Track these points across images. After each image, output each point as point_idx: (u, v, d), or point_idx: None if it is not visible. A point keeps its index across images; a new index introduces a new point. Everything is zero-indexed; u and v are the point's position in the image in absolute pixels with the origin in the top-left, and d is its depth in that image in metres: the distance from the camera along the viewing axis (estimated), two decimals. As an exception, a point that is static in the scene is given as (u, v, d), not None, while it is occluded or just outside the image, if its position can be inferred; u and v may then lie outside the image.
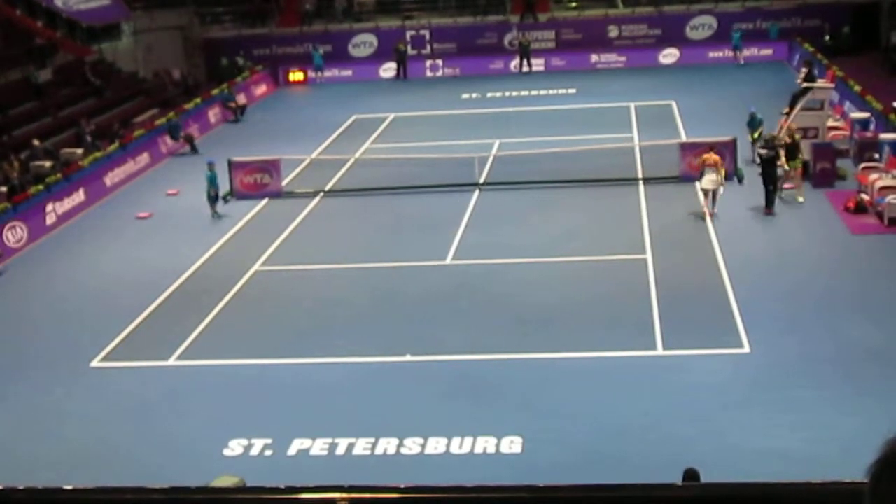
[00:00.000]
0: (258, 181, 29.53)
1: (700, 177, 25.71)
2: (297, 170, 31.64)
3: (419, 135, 35.92)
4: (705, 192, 25.57)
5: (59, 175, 29.65)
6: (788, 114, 28.28)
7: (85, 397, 17.85)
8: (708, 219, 24.96)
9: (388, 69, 48.33)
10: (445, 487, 2.18)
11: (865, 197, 24.76)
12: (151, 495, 2.23)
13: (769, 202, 25.29)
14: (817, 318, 19.07)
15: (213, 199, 27.70)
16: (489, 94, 42.83)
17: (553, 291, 21.26)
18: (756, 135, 28.68)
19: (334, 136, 36.79)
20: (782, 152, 25.50)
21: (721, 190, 25.38)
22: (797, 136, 26.00)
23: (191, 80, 46.48)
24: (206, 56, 50.28)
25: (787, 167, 25.53)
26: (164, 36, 48.56)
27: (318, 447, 15.49)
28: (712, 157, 25.42)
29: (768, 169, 25.20)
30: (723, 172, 25.47)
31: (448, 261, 23.52)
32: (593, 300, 20.69)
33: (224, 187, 28.54)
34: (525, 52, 47.26)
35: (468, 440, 15.39)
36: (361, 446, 15.43)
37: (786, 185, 26.13)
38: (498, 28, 49.57)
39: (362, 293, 21.96)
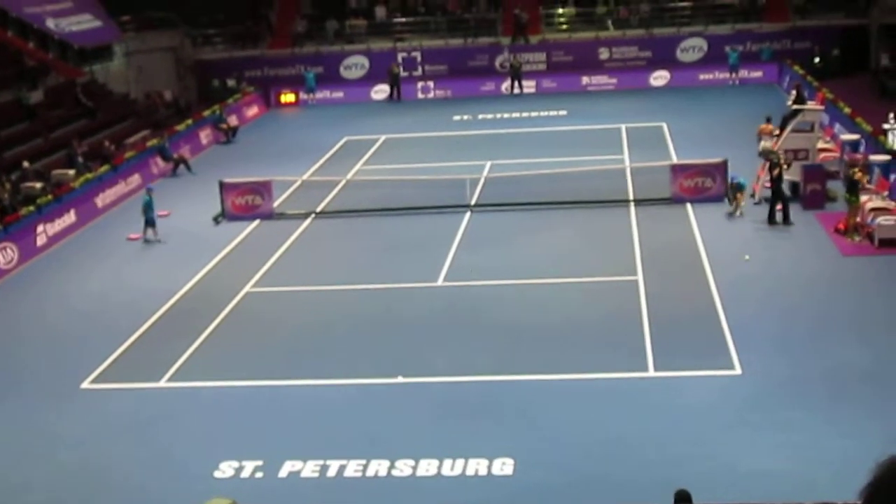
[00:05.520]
0: (249, 202, 29.53)
1: (758, 143, 29.99)
2: (289, 191, 31.65)
3: (410, 156, 35.97)
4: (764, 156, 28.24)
5: (50, 196, 29.63)
6: (779, 136, 28.42)
7: (75, 419, 17.77)
8: (699, 239, 25.03)
9: (380, 91, 48.44)
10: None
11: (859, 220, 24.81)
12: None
13: (785, 216, 25.78)
14: (808, 340, 19.08)
15: (149, 223, 27.77)
16: (480, 116, 42.93)
17: (544, 313, 21.26)
18: (742, 199, 27.36)
19: (326, 157, 36.83)
20: (783, 166, 25.96)
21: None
22: (857, 175, 25.62)
23: (182, 101, 46.56)
24: (198, 77, 50.38)
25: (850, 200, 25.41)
26: (156, 57, 48.67)
27: (310, 469, 15.43)
28: (768, 126, 30.69)
29: (776, 183, 25.74)
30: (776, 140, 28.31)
31: (439, 282, 23.52)
32: (584, 322, 20.68)
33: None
34: (516, 74, 47.43)
35: (460, 462, 15.34)
36: (353, 468, 15.37)
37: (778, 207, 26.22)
38: (489, 50, 49.75)
39: (354, 315, 21.93)
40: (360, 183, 32.40)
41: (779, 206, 26.05)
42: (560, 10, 52.36)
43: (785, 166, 26.22)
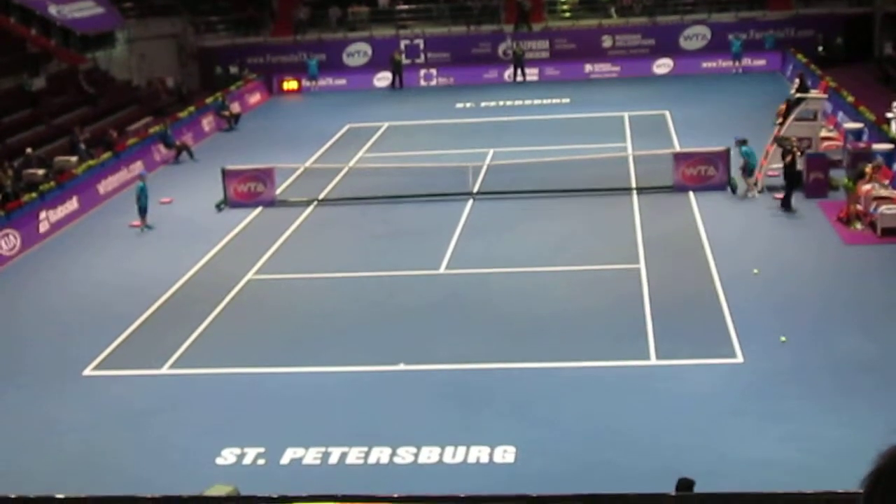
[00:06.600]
0: (252, 190, 29.52)
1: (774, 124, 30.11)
2: (291, 178, 31.63)
3: (413, 144, 35.93)
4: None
5: (52, 183, 29.62)
6: (782, 124, 28.37)
7: (77, 406, 17.80)
8: (701, 227, 25.01)
9: (383, 78, 48.37)
10: (438, 497, 2.19)
11: (860, 207, 24.80)
12: (144, 504, 2.23)
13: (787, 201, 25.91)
14: (810, 328, 19.08)
15: (142, 211, 27.74)
16: (483, 104, 42.85)
17: (546, 301, 21.27)
18: (754, 173, 27.57)
19: (328, 144, 36.79)
20: (797, 153, 26.06)
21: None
22: (867, 170, 25.63)
23: (185, 88, 46.49)
24: (200, 64, 50.32)
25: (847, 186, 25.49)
26: (158, 44, 48.59)
27: (311, 456, 15.47)
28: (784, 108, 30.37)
29: (788, 169, 25.76)
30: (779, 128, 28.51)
31: (442, 270, 23.52)
32: (587, 310, 20.68)
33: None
34: (519, 62, 47.33)
35: (461, 449, 15.37)
36: (354, 455, 15.41)
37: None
38: (492, 38, 49.64)
39: (356, 302, 21.94)
40: (362, 170, 32.37)
41: (782, 194, 26.09)
42: (563, -2, 52.30)
43: (798, 153, 26.17)
